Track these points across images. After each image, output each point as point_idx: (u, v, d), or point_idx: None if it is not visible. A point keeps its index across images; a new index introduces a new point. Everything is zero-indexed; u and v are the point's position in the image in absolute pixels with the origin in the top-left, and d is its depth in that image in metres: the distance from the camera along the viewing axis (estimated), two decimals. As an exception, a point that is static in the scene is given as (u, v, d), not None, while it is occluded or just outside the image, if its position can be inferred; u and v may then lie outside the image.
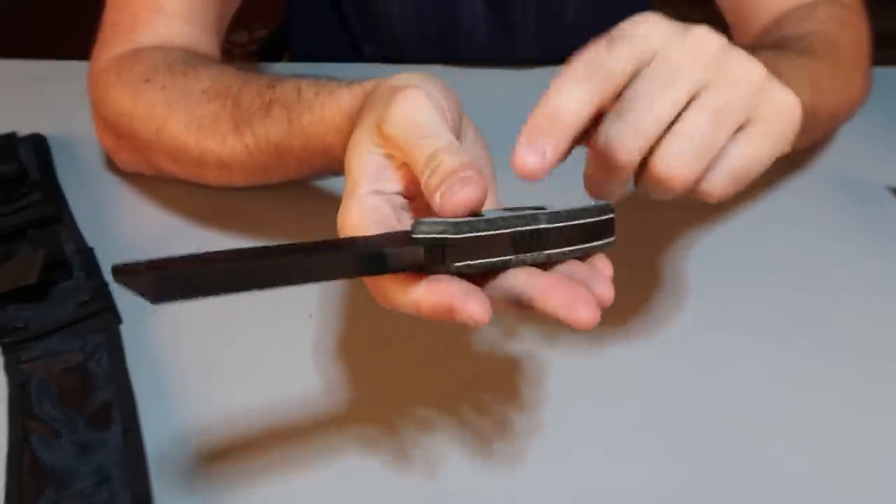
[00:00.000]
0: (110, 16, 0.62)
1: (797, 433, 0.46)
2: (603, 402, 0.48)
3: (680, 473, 0.44)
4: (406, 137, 0.35)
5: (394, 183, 0.36)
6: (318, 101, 0.45)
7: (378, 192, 0.36)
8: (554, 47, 0.81)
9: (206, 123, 0.52)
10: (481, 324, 0.31)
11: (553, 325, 0.52)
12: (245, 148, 0.50)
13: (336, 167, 0.44)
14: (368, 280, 0.34)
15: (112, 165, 0.64)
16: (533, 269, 0.34)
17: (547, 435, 0.46)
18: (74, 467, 0.43)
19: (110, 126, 0.59)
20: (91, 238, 0.58)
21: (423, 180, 0.33)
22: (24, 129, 0.68)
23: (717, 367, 0.50)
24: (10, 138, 0.66)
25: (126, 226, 0.60)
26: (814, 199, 0.64)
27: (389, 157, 0.36)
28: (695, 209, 0.62)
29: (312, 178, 0.53)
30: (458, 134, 0.38)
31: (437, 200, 0.32)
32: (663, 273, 0.57)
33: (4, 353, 0.49)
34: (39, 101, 0.72)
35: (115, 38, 0.61)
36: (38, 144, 0.66)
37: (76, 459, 0.43)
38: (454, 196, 0.31)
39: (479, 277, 0.33)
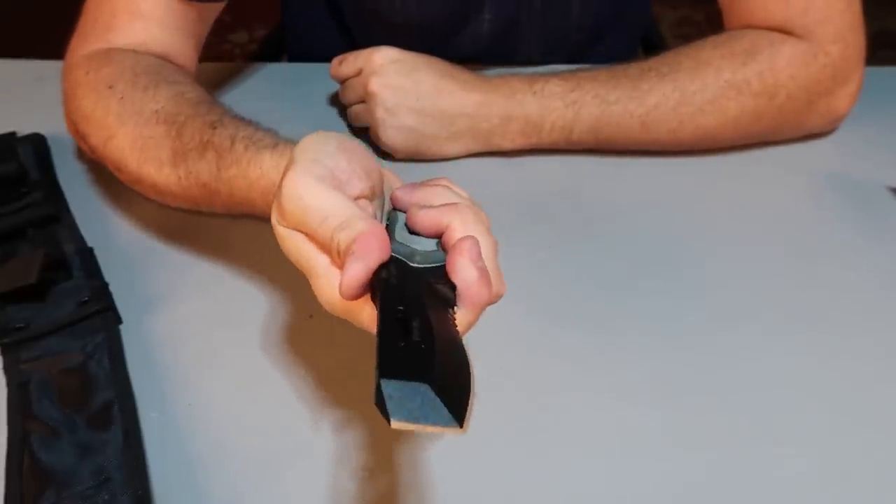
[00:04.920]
0: (90, 9, 0.63)
1: (797, 433, 0.46)
2: (602, 402, 0.48)
3: (680, 473, 0.44)
4: (305, 226, 0.38)
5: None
6: (245, 156, 0.46)
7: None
8: (557, 46, 0.81)
9: (148, 145, 0.53)
10: None
11: (554, 325, 0.52)
12: (178, 180, 0.51)
13: (261, 217, 0.46)
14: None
15: (112, 165, 0.64)
16: None
17: (544, 435, 0.46)
18: (74, 468, 0.42)
19: (72, 122, 0.61)
20: (91, 238, 0.58)
21: (333, 258, 0.37)
22: (24, 129, 0.68)
23: (717, 367, 0.50)
24: (10, 138, 0.66)
25: (126, 226, 0.60)
26: (814, 199, 0.64)
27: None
28: (694, 209, 0.62)
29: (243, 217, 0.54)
30: (365, 187, 0.40)
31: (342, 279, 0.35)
32: (662, 273, 0.57)
33: (4, 353, 0.49)
34: (39, 101, 0.71)
35: (93, 35, 0.61)
36: (38, 144, 0.66)
37: (76, 460, 0.43)
38: (353, 272, 0.35)
39: None
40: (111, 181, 0.64)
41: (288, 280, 0.55)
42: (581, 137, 0.64)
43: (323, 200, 0.37)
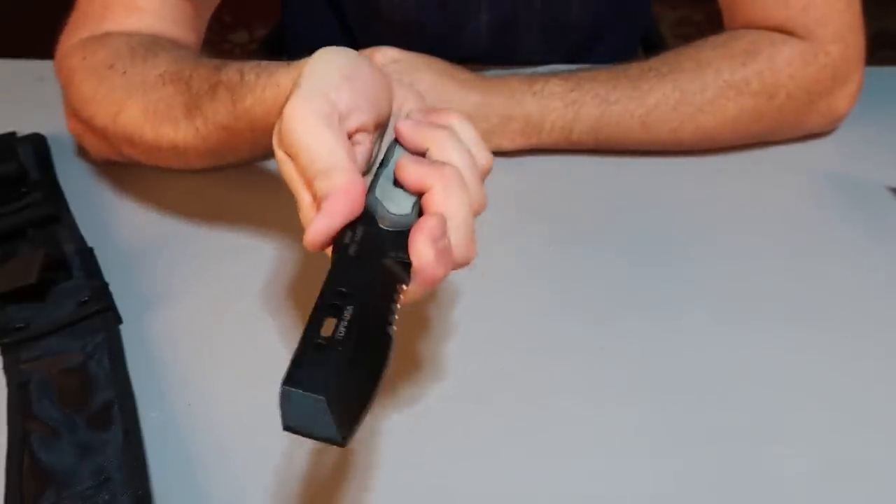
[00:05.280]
0: (81, 4, 0.62)
1: (796, 432, 0.46)
2: (603, 402, 0.48)
3: (680, 471, 0.44)
4: (295, 160, 0.39)
5: None
6: (259, 82, 0.46)
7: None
8: (556, 46, 0.81)
9: (160, 108, 0.52)
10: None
11: (553, 325, 0.52)
12: (196, 131, 0.51)
13: None
14: None
15: (112, 165, 0.64)
16: None
17: (544, 435, 0.46)
18: (74, 468, 0.42)
19: (73, 110, 0.60)
20: (91, 238, 0.58)
21: (313, 199, 0.39)
22: (24, 129, 0.68)
23: (717, 366, 0.50)
24: (10, 138, 0.66)
25: (126, 226, 0.60)
26: (814, 199, 0.64)
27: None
28: (694, 209, 0.62)
29: (266, 157, 0.54)
30: (367, 119, 0.41)
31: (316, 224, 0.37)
32: (662, 273, 0.57)
33: (4, 353, 0.49)
34: (39, 101, 0.71)
35: (84, 27, 0.61)
36: (38, 144, 0.66)
37: (76, 460, 0.43)
38: (317, 227, 0.36)
39: None
40: (111, 181, 0.64)
41: (288, 280, 0.55)
42: (581, 137, 0.64)
43: (314, 140, 0.38)
